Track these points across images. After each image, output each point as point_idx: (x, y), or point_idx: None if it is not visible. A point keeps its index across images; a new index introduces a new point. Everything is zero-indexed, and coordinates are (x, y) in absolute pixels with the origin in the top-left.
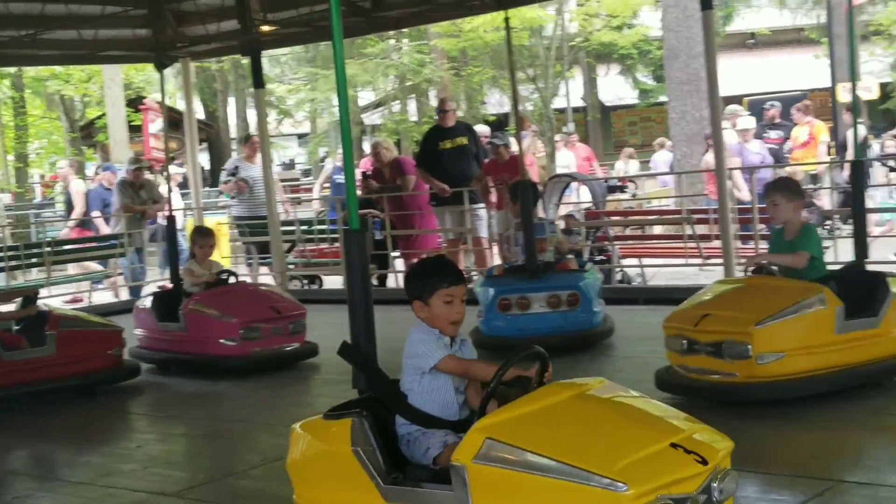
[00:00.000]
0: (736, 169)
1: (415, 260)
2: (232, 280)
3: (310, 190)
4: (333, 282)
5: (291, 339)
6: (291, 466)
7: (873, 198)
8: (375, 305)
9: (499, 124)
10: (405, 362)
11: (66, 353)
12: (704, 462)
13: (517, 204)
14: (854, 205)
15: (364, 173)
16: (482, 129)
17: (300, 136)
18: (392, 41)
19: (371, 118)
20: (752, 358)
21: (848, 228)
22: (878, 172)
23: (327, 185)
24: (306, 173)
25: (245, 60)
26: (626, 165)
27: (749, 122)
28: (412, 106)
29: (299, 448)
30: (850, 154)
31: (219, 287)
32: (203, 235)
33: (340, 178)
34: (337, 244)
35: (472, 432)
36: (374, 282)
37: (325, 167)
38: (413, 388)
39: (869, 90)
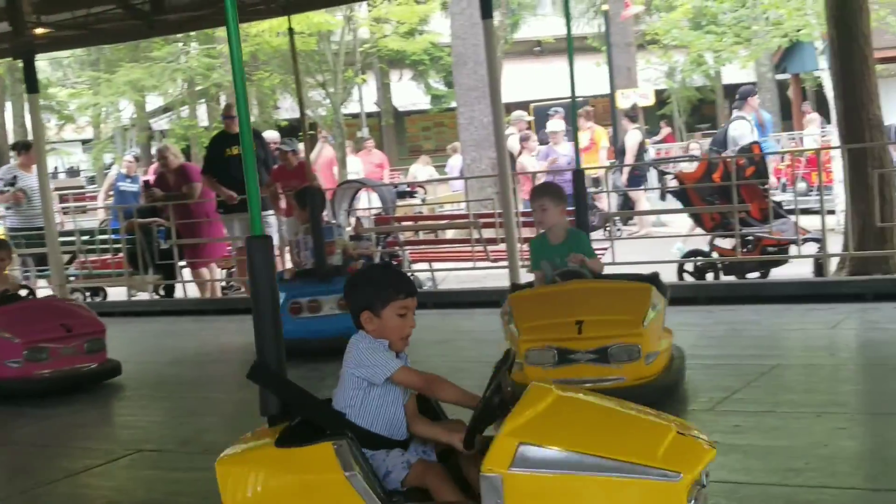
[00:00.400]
0: (540, 172)
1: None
2: (24, 293)
3: (95, 198)
4: (118, 293)
5: (88, 359)
6: None
7: (650, 200)
8: (163, 317)
9: (292, 129)
10: (347, 373)
11: None
12: (712, 445)
13: (305, 210)
14: (577, 213)
15: (146, 182)
16: (271, 134)
17: (84, 142)
18: (180, 44)
19: (159, 123)
20: (641, 359)
21: (628, 230)
22: (653, 176)
23: (112, 192)
24: (91, 180)
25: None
26: (421, 170)
27: (558, 124)
28: (202, 111)
29: (250, 485)
30: (628, 158)
31: (11, 304)
32: None
33: (125, 186)
34: (121, 254)
35: (500, 438)
36: (161, 292)
37: (108, 174)
38: (354, 405)
39: (645, 97)
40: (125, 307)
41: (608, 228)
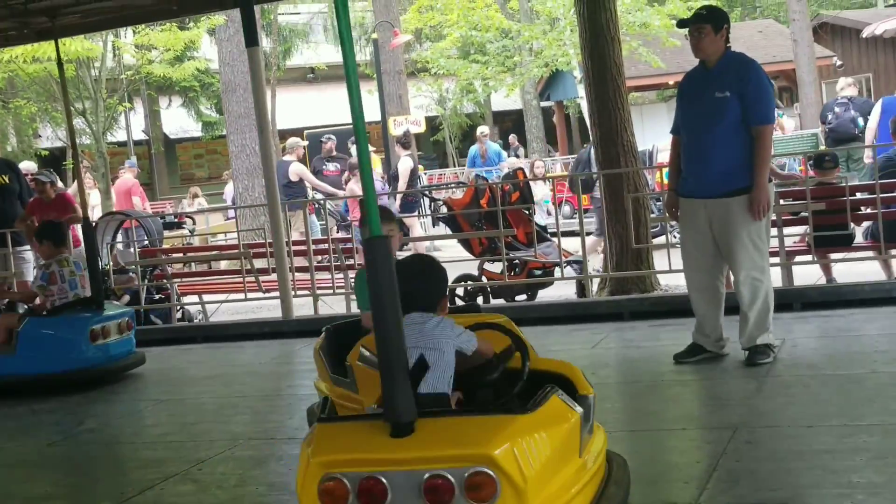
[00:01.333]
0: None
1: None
2: None
3: None
4: None
5: None
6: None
7: (424, 225)
8: None
9: (54, 159)
10: (448, 345)
11: None
12: None
13: (45, 245)
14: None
15: None
16: (27, 165)
17: None
18: None
19: None
20: None
21: (402, 255)
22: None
23: None
24: None
25: None
26: (192, 203)
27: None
28: None
29: (529, 460)
30: (401, 184)
31: None
32: None
33: None
34: None
35: None
36: None
37: None
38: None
39: (417, 123)
40: None
41: None
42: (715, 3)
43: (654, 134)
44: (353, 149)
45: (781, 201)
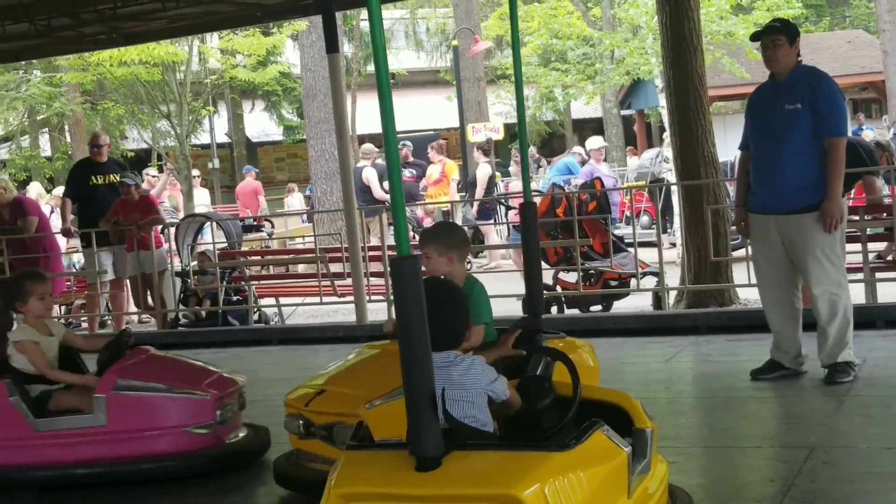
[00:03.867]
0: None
1: None
2: None
3: None
4: None
5: None
6: None
7: (500, 233)
8: None
9: (139, 160)
10: (479, 391)
11: None
12: None
13: None
14: (526, 251)
15: None
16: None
17: None
18: (20, 72)
19: None
20: None
21: (478, 263)
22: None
23: None
24: None
25: None
26: (290, 199)
27: (598, 141)
28: (44, 140)
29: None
30: (478, 191)
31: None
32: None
33: None
34: None
35: None
36: None
37: None
38: (487, 423)
39: (496, 131)
40: None
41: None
42: (802, 14)
43: (736, 145)
44: (433, 154)
45: (867, 217)
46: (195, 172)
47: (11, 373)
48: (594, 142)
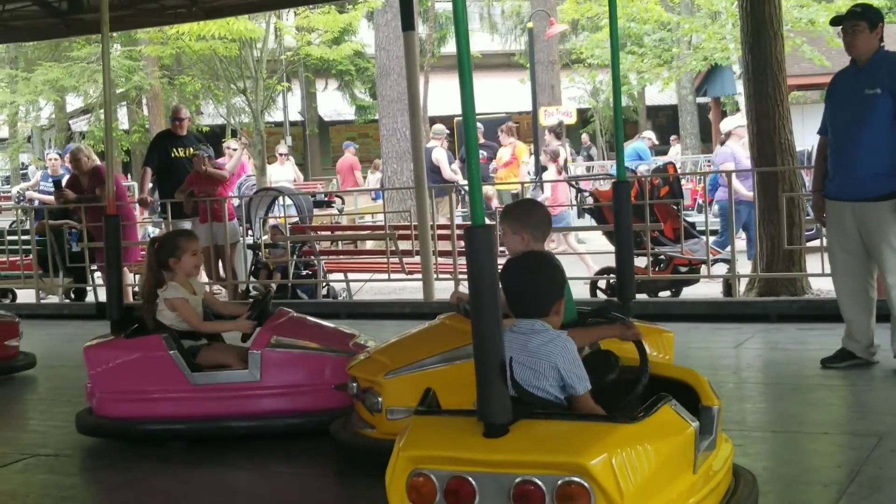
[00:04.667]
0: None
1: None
2: None
3: (9, 198)
4: (27, 295)
5: None
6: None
7: (571, 217)
8: (72, 320)
9: (213, 135)
10: (555, 367)
11: None
12: None
13: None
14: (618, 232)
15: (57, 182)
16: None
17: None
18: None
19: (78, 125)
20: (382, 412)
21: (548, 246)
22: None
23: (35, 192)
24: (6, 181)
25: None
26: (373, 177)
27: (735, 120)
28: (122, 113)
29: (628, 472)
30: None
31: None
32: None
33: (46, 186)
34: (30, 256)
35: None
36: (71, 296)
37: (32, 174)
38: (560, 398)
39: (568, 115)
40: (33, 310)
41: None
42: (887, 5)
43: (814, 134)
44: (503, 137)
45: None
46: (282, 150)
47: (165, 329)
48: (732, 121)
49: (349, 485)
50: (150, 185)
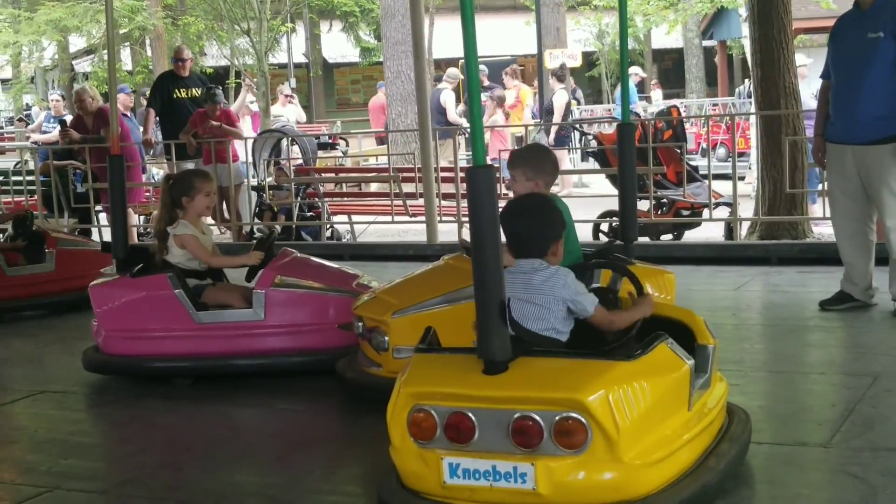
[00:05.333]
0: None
1: None
2: None
3: (13, 138)
4: None
5: None
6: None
7: (573, 160)
8: None
9: (217, 77)
10: (559, 300)
11: (64, 271)
12: None
13: None
14: (622, 173)
15: (62, 122)
16: None
17: (2, 82)
18: None
19: (82, 65)
20: (389, 351)
21: (577, 191)
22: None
23: (38, 133)
24: (9, 121)
25: None
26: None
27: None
28: (125, 54)
29: (625, 407)
30: (556, 118)
31: None
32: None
33: (50, 127)
34: (35, 196)
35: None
36: (76, 236)
37: (35, 115)
38: (563, 332)
39: (573, 58)
40: None
41: None
42: None
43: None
44: (507, 80)
45: None
46: (286, 90)
47: (171, 268)
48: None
49: (352, 422)
50: (155, 126)
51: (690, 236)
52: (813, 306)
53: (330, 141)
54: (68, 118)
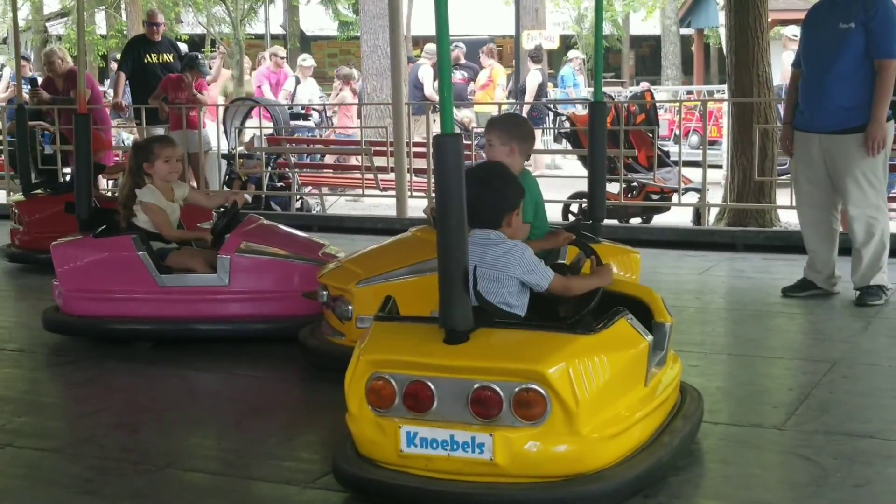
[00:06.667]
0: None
1: None
2: None
3: None
4: None
5: None
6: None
7: (546, 141)
8: None
9: (193, 44)
10: (511, 276)
11: None
12: None
13: None
14: (592, 152)
15: (33, 81)
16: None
17: None
18: None
19: (55, 27)
20: (352, 320)
21: (549, 173)
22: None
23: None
24: None
25: None
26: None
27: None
28: (100, 18)
29: (584, 381)
30: (528, 98)
31: None
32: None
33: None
34: (1, 156)
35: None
36: None
37: (3, 75)
38: (516, 306)
39: (551, 40)
40: (4, 209)
41: None
42: None
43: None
44: (483, 59)
45: None
46: (308, 62)
47: (136, 230)
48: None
49: (312, 389)
50: (125, 90)
51: (659, 221)
52: (776, 292)
53: (303, 111)
54: (38, 78)
